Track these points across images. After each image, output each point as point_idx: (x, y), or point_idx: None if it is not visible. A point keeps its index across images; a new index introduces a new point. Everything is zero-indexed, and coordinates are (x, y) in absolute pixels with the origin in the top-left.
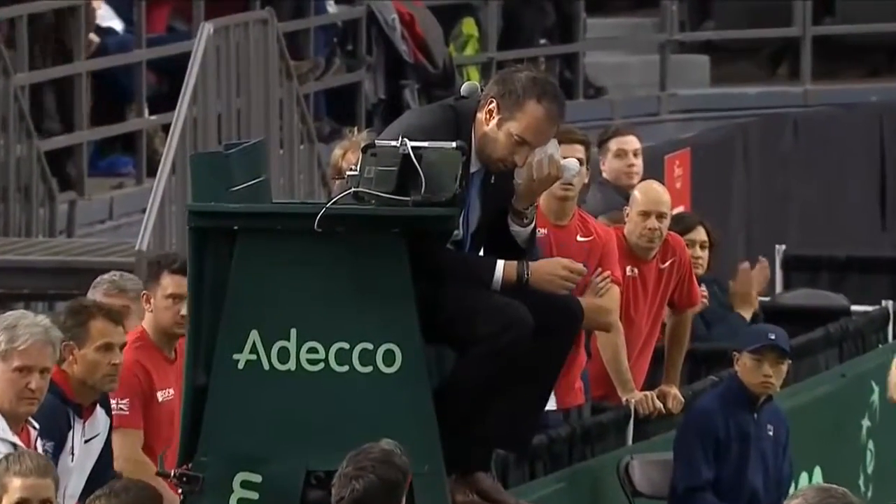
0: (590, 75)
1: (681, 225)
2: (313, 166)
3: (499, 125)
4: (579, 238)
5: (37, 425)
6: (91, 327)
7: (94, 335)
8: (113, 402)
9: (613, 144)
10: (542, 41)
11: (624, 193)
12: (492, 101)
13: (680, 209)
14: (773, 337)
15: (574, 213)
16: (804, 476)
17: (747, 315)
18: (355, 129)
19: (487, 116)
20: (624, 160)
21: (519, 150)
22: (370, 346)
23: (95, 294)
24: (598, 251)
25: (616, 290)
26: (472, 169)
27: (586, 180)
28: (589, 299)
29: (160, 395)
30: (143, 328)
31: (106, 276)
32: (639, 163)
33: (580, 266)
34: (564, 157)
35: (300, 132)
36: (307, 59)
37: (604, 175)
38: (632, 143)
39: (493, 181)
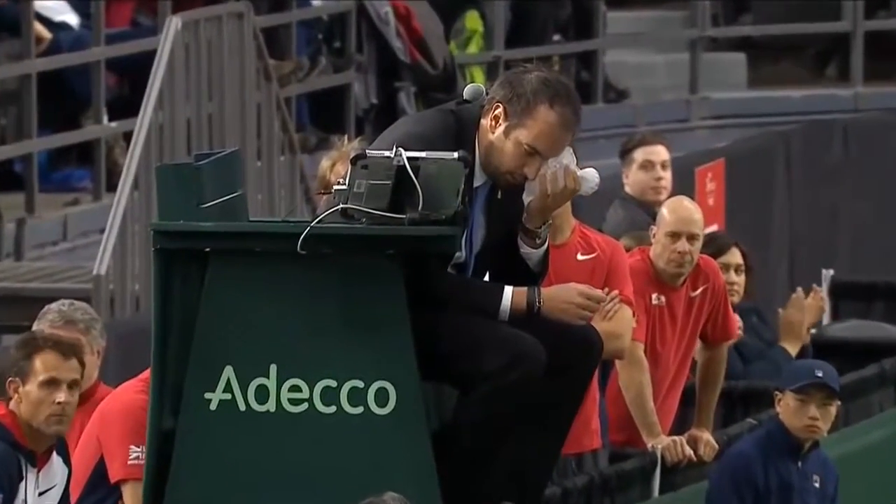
0: (610, 76)
1: (714, 247)
2: (295, 180)
3: (506, 133)
4: (580, 256)
5: None
6: (36, 361)
7: (37, 369)
8: (132, 448)
9: (638, 155)
10: (556, 37)
11: (650, 211)
12: (498, 106)
13: (713, 229)
14: (820, 374)
15: (573, 227)
16: None
17: (793, 349)
18: (344, 137)
19: (493, 123)
20: (650, 173)
21: (529, 161)
22: (361, 385)
23: (41, 326)
24: (602, 269)
25: (627, 311)
26: (477, 183)
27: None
28: (596, 324)
29: None
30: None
31: (54, 306)
32: (667, 176)
33: (599, 293)
34: (585, 167)
35: (281, 141)
36: (289, 59)
37: (627, 189)
38: (659, 153)
39: (499, 197)
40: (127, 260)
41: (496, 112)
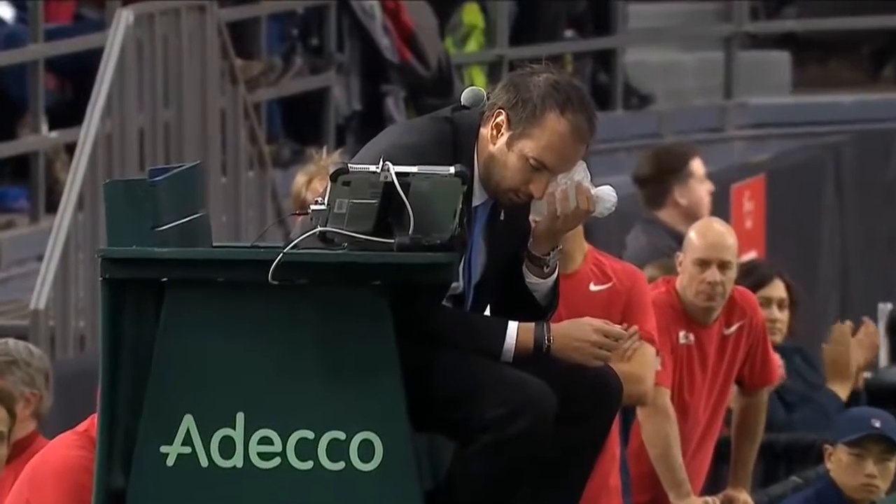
0: (632, 79)
1: (752, 277)
2: (266, 198)
3: (509, 144)
4: (593, 287)
5: None
6: None
7: None
8: None
9: (696, 166)
10: (569, 33)
11: (677, 234)
12: (500, 113)
13: (751, 256)
14: (877, 424)
15: (586, 254)
16: None
17: (843, 394)
18: (322, 149)
19: (494, 133)
20: (705, 185)
21: (536, 177)
22: (342, 436)
23: None
24: (619, 301)
25: (649, 350)
26: (476, 202)
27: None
28: (614, 366)
29: None
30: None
31: None
32: (706, 188)
33: (617, 329)
34: (600, 185)
35: (249, 154)
36: (258, 58)
37: (663, 212)
38: (695, 163)
39: (502, 218)
40: (70, 292)
41: (498, 120)
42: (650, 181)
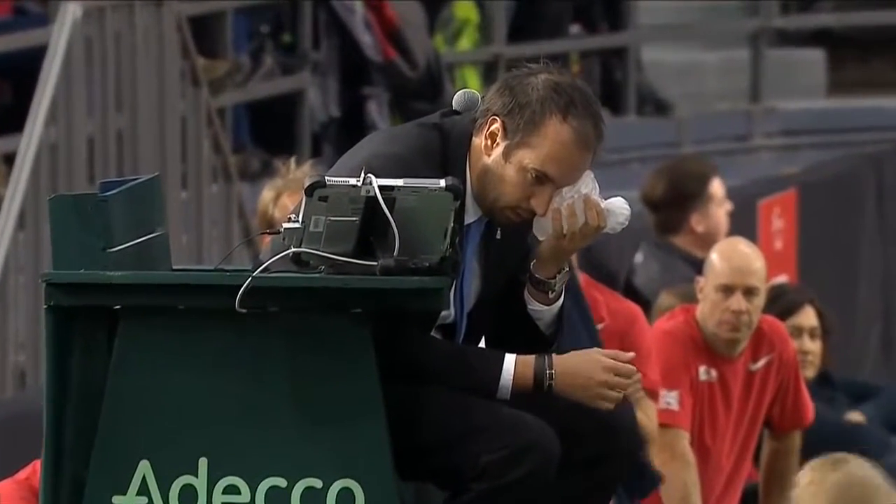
0: (647, 80)
1: (781, 304)
2: (232, 215)
3: (506, 155)
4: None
5: None
6: None
7: None
8: None
9: (716, 188)
10: (575, 29)
11: (693, 260)
12: (495, 120)
13: (780, 280)
14: None
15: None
16: None
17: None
18: (290, 160)
19: (489, 142)
20: (723, 208)
21: (537, 190)
22: (318, 484)
23: None
24: (614, 343)
25: (651, 405)
26: (469, 219)
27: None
28: None
29: None
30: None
31: None
32: (724, 209)
33: (630, 366)
34: (610, 197)
35: (213, 165)
36: (223, 57)
37: (678, 237)
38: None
39: (498, 237)
40: (9, 321)
41: (493, 128)
42: (664, 206)
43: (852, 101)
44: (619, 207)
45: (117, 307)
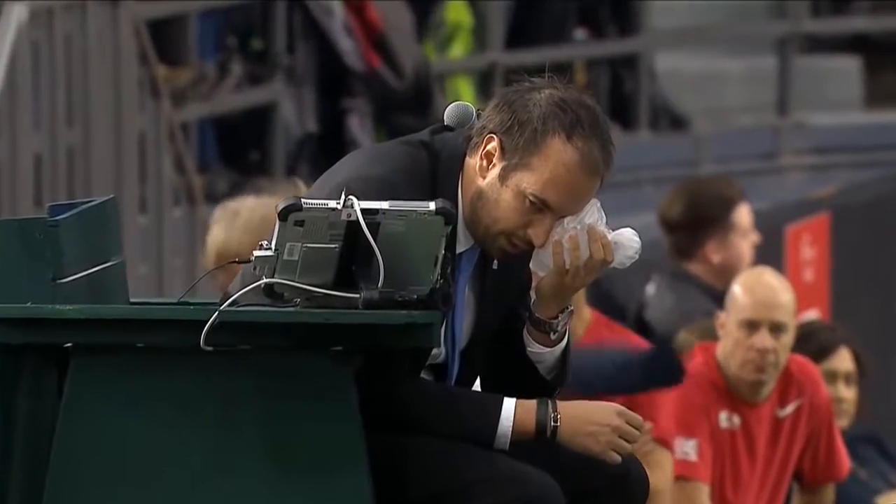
0: (662, 92)
1: (813, 344)
2: (196, 242)
3: (503, 178)
4: None
5: None
6: None
7: None
8: None
9: (741, 217)
10: (581, 34)
11: (712, 291)
12: (491, 139)
13: (811, 316)
14: None
15: (588, 323)
16: None
17: None
18: (264, 181)
19: (484, 163)
20: (749, 238)
21: (537, 219)
22: None
23: None
24: None
25: (664, 456)
26: (461, 248)
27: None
28: None
29: None
30: None
31: None
32: (749, 242)
33: (640, 418)
34: (619, 228)
35: (175, 186)
36: (187, 65)
37: (694, 266)
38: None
39: (495, 267)
40: None
41: (489, 147)
42: (680, 228)
43: (891, 115)
44: (628, 240)
45: (68, 345)
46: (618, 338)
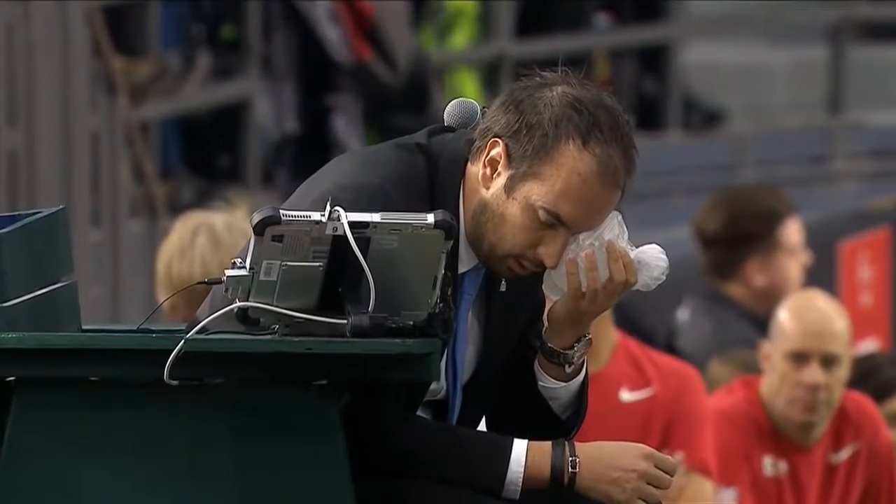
0: (695, 87)
1: (873, 381)
2: (156, 259)
3: (510, 189)
4: (625, 395)
5: None
6: None
7: None
8: None
9: (790, 233)
10: (602, 21)
11: (754, 317)
12: (496, 143)
13: (869, 347)
14: None
15: (614, 346)
16: None
17: None
18: (235, 192)
19: (488, 171)
20: (799, 257)
21: (548, 236)
22: None
23: None
24: (662, 415)
25: (705, 486)
26: (462, 267)
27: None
28: None
29: None
30: None
31: None
32: (798, 262)
33: (672, 460)
34: (643, 245)
35: (133, 195)
36: (146, 57)
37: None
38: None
39: (503, 288)
40: None
41: (494, 152)
42: (717, 244)
43: None
44: (653, 258)
45: (11, 378)
46: (646, 358)
